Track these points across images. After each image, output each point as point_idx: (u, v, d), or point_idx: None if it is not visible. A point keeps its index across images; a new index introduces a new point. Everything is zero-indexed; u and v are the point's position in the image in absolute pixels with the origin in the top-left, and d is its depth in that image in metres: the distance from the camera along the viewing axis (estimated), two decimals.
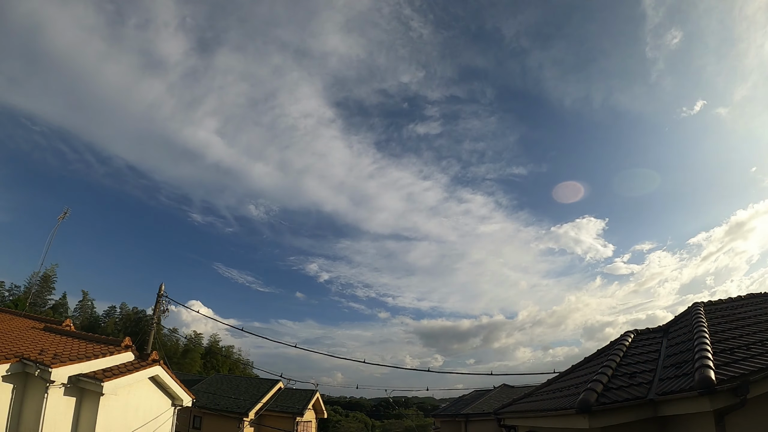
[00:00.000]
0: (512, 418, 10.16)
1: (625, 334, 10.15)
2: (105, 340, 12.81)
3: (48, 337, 12.34)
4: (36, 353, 10.02)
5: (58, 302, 43.71)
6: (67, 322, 15.21)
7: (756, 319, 7.77)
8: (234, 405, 24.85)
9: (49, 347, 10.87)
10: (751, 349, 5.81)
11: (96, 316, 48.39)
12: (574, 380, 9.05)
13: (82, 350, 11.14)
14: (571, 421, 6.42)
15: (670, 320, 10.26)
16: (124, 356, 11.65)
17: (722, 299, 10.63)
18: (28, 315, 16.23)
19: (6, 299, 37.09)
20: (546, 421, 7.95)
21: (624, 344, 9.12)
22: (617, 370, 7.33)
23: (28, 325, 13.79)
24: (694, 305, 10.02)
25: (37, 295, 40.20)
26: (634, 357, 8.12)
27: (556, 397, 8.50)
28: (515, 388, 24.62)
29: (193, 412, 24.28)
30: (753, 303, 9.56)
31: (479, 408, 22.45)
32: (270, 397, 27.04)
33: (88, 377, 10.05)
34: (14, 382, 9.53)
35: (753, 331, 6.90)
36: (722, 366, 5.24)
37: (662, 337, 9.14)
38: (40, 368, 9.39)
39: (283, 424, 25.61)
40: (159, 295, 16.96)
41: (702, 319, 8.18)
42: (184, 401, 13.15)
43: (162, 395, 12.60)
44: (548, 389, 10.27)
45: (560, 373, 11.35)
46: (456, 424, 22.91)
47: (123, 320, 49.34)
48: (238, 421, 23.90)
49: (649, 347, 8.60)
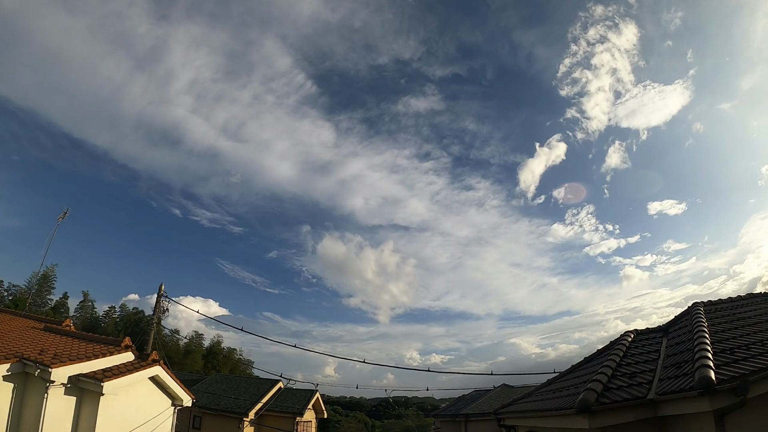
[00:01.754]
0: (512, 418, 10.16)
1: (625, 334, 10.15)
2: (105, 340, 12.81)
3: (48, 337, 12.34)
4: (36, 353, 10.02)
5: (58, 302, 43.71)
6: (67, 322, 15.21)
7: (756, 319, 7.78)
8: (234, 405, 24.85)
9: (49, 347, 10.87)
10: (751, 349, 5.81)
11: (96, 316, 48.40)
12: (574, 380, 9.06)
13: (82, 350, 11.14)
14: (571, 421, 6.42)
15: (670, 320, 10.27)
16: (124, 356, 11.64)
17: (722, 299, 10.64)
18: (28, 315, 16.23)
19: (6, 299, 37.08)
20: (546, 421, 7.95)
21: (624, 344, 9.13)
22: (617, 370, 7.34)
23: (28, 325, 13.79)
24: (693, 305, 10.03)
25: (37, 295, 40.19)
26: (634, 357, 8.12)
27: (556, 397, 8.50)
28: (515, 388, 24.65)
29: (193, 412, 24.28)
30: (753, 303, 9.57)
31: (479, 408, 22.48)
32: (270, 397, 27.04)
33: (88, 377, 10.05)
34: (14, 382, 9.53)
35: (753, 331, 6.91)
36: (722, 366, 5.24)
37: (662, 337, 9.15)
38: (40, 368, 9.39)
39: (283, 424, 25.62)
40: (159, 295, 16.97)
41: (702, 319, 8.19)
42: (184, 401, 13.15)
43: (162, 395, 12.59)
44: (548, 389, 10.27)
45: (560, 373, 11.36)
46: (456, 424, 22.94)
47: (123, 320, 49.33)
48: (238, 421, 23.90)
49: (649, 347, 8.61)
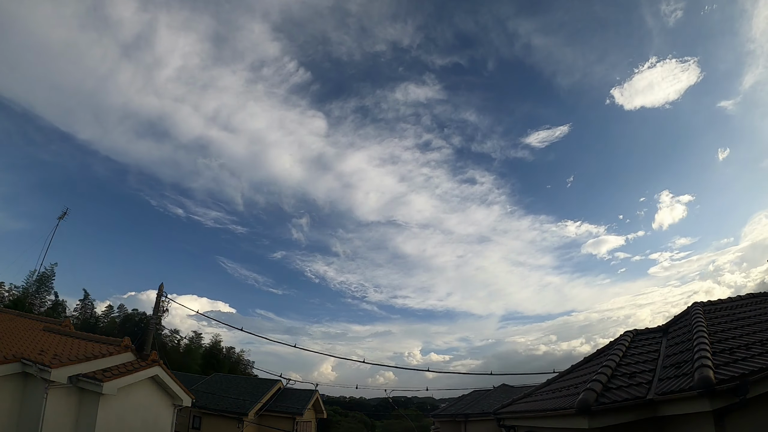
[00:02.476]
0: (512, 419, 10.15)
1: (625, 334, 10.16)
2: (105, 341, 12.82)
3: (48, 338, 12.34)
4: (36, 354, 10.03)
5: (57, 302, 43.67)
6: (66, 323, 15.22)
7: (756, 319, 7.78)
8: (234, 405, 24.83)
9: (48, 348, 10.88)
10: (751, 349, 5.82)
11: (96, 316, 48.35)
12: (574, 380, 9.06)
13: (82, 350, 11.14)
14: (571, 422, 6.42)
15: (670, 320, 10.27)
16: (123, 356, 11.65)
17: (722, 299, 10.65)
18: (27, 315, 16.23)
19: (5, 299, 37.05)
20: (546, 421, 7.94)
21: (623, 344, 9.13)
22: (617, 370, 7.34)
23: (28, 325, 13.80)
24: (693, 305, 10.03)
25: (36, 296, 40.16)
26: (633, 357, 8.12)
27: (556, 397, 8.50)
28: (515, 388, 24.64)
29: (192, 413, 24.27)
30: (753, 303, 9.57)
31: (479, 408, 22.46)
32: (270, 398, 27.03)
33: (88, 377, 10.05)
34: (14, 382, 9.55)
35: (753, 331, 6.91)
36: (722, 366, 5.24)
37: (662, 337, 9.16)
38: (40, 369, 9.40)
39: (283, 424, 25.61)
40: (159, 295, 16.96)
41: (701, 319, 8.20)
42: (184, 401, 13.15)
43: (161, 395, 12.59)
44: (548, 389, 10.27)
45: (560, 373, 11.35)
46: (456, 424, 22.91)
47: (123, 320, 49.29)
48: (237, 421, 23.89)
49: (648, 347, 8.61)
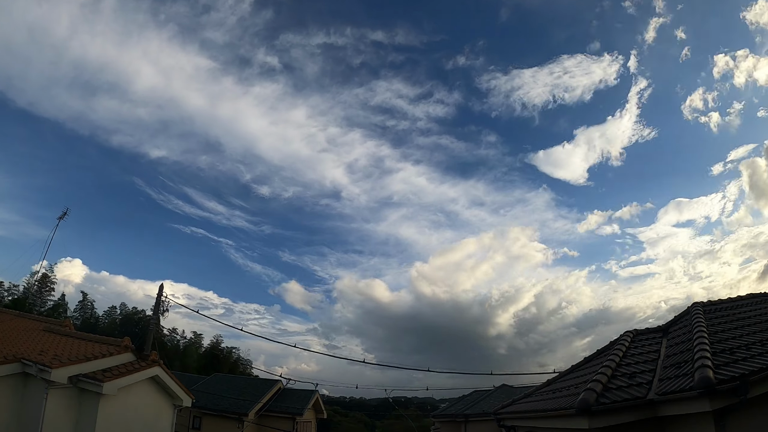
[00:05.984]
0: (512, 419, 10.14)
1: (625, 334, 10.16)
2: (105, 341, 12.81)
3: (48, 338, 12.35)
4: (36, 354, 10.03)
5: (57, 302, 43.66)
6: (66, 323, 15.22)
7: (756, 319, 7.78)
8: (234, 405, 24.81)
9: (48, 348, 10.88)
10: (751, 349, 5.81)
11: (96, 317, 48.35)
12: (574, 380, 9.06)
13: (82, 351, 11.13)
14: (571, 422, 6.42)
15: (670, 320, 10.28)
16: (123, 357, 11.65)
17: (722, 299, 10.64)
18: (27, 315, 16.24)
19: (5, 299, 37.02)
20: (546, 421, 7.94)
21: (623, 344, 9.13)
22: (617, 370, 7.33)
23: (28, 325, 13.80)
24: (693, 305, 10.03)
25: (37, 296, 40.16)
26: (633, 357, 8.12)
27: (556, 397, 8.50)
28: (515, 389, 24.62)
29: (192, 413, 24.24)
30: (753, 303, 9.57)
31: (479, 408, 22.44)
32: (270, 398, 27.02)
33: (88, 378, 10.05)
34: (14, 382, 9.55)
35: (753, 331, 6.91)
36: (722, 366, 5.24)
37: (662, 338, 9.16)
38: (40, 369, 9.40)
39: (283, 424, 25.60)
40: (159, 295, 16.96)
41: (701, 319, 8.20)
42: (184, 401, 13.14)
43: (162, 395, 12.59)
44: (548, 389, 10.27)
45: (560, 373, 11.36)
46: (456, 424, 22.90)
47: (123, 320, 49.29)
48: (237, 421, 23.88)
49: (648, 347, 8.61)
